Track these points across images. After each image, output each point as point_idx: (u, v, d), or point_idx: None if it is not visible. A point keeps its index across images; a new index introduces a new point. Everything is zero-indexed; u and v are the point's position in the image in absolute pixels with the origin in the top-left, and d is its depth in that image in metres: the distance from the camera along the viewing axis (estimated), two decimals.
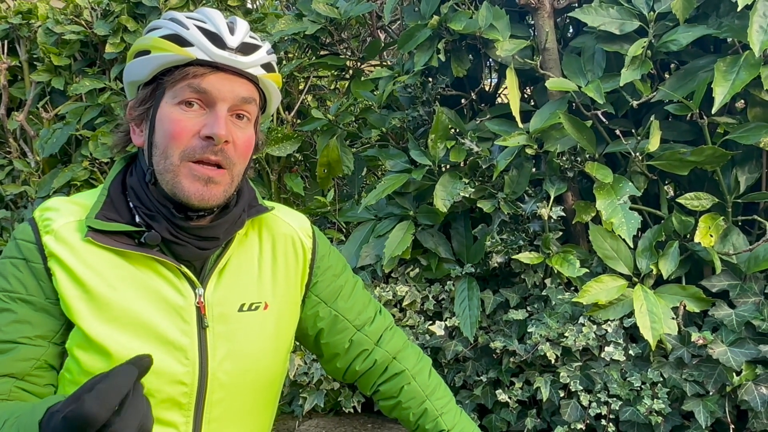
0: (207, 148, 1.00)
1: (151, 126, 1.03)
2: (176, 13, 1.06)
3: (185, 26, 1.02)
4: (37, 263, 0.99)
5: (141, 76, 1.04)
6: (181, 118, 1.00)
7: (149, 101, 1.04)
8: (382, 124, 2.88)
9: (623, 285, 2.29)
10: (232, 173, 1.04)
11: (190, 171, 1.00)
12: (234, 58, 1.01)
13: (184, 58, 1.00)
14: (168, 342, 1.01)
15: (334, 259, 1.27)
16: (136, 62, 1.05)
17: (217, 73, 1.01)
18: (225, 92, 1.01)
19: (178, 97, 1.01)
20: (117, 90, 3.52)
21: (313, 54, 3.32)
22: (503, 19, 2.50)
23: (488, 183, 2.56)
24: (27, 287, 0.99)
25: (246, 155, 1.06)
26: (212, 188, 1.01)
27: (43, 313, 0.99)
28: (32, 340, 0.98)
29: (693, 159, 2.22)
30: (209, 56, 1.00)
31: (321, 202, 3.05)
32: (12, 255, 1.01)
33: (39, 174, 3.75)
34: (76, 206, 1.04)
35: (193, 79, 1.00)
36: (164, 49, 1.01)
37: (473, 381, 2.48)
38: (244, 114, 1.05)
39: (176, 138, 0.99)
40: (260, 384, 1.13)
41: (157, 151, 1.02)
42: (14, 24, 3.82)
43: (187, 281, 1.04)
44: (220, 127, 0.99)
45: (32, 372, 0.98)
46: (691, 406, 2.14)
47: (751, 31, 2.03)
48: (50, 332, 0.99)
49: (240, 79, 1.03)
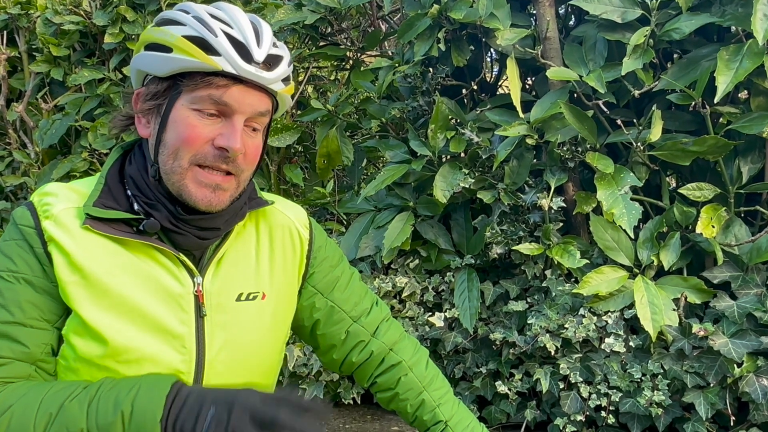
0: (219, 156, 0.99)
1: (162, 123, 1.01)
2: (198, 7, 1.02)
3: (213, 31, 0.99)
4: (38, 247, 0.99)
5: (157, 70, 1.01)
6: (197, 124, 0.99)
7: (162, 97, 1.02)
8: (382, 114, 2.86)
9: (624, 276, 2.28)
10: (240, 179, 1.04)
11: (197, 176, 1.00)
12: (259, 73, 0.99)
13: (210, 67, 0.97)
14: (165, 330, 1.01)
15: (330, 251, 1.27)
16: (152, 55, 1.01)
17: (239, 86, 0.99)
18: (245, 105, 1.00)
19: (196, 104, 0.99)
20: (116, 81, 3.50)
21: (313, 44, 3.30)
22: (504, 8, 2.48)
23: (488, 173, 2.54)
24: (32, 268, 0.99)
25: (254, 162, 1.06)
26: (220, 195, 1.01)
27: (46, 296, 0.99)
28: (39, 322, 0.98)
29: (695, 149, 2.21)
30: (236, 70, 0.98)
31: (320, 193, 3.04)
32: (15, 237, 1.00)
33: (38, 165, 3.74)
34: (74, 193, 1.04)
35: (216, 90, 0.98)
36: (188, 53, 0.98)
37: (473, 372, 2.48)
38: (257, 125, 1.05)
39: (190, 143, 0.99)
40: (257, 374, 1.13)
41: (165, 150, 1.01)
42: (13, 14, 3.80)
43: (186, 270, 1.04)
44: (236, 141, 0.99)
45: (43, 357, 0.98)
46: (691, 398, 2.14)
47: (755, 20, 2.01)
48: (54, 316, 0.99)
49: (260, 92, 1.02)
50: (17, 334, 0.96)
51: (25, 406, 0.91)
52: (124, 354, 0.98)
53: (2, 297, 0.97)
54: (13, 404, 0.92)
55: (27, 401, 0.92)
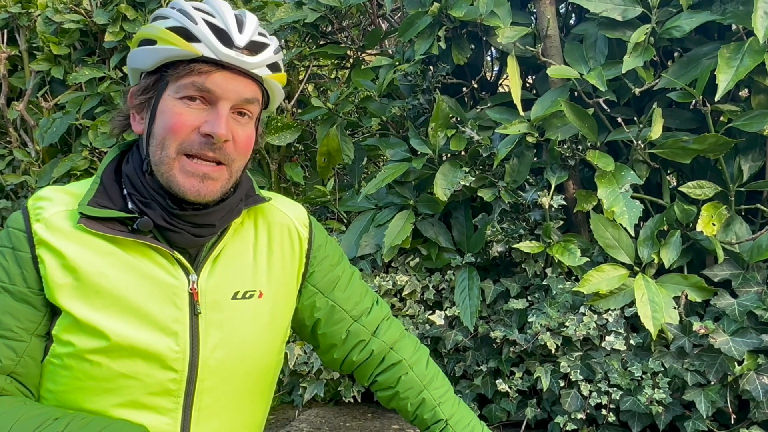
0: (205, 144, 1.00)
1: (152, 116, 1.03)
2: (184, 2, 1.05)
3: (193, 19, 1.01)
4: (24, 251, 0.99)
5: (145, 65, 1.04)
6: (182, 112, 1.00)
7: (151, 91, 1.03)
8: (383, 112, 2.86)
9: (624, 274, 2.27)
10: (231, 169, 1.04)
11: (184, 166, 1.00)
12: (240, 57, 1.00)
13: (190, 54, 0.99)
14: (160, 327, 1.01)
15: (330, 250, 1.27)
16: (140, 50, 1.04)
17: (221, 72, 1.00)
18: (229, 91, 1.01)
19: (180, 92, 1.00)
20: (116, 79, 3.50)
21: (313, 42, 3.29)
22: (504, 6, 2.47)
23: (489, 172, 2.54)
24: (10, 276, 0.99)
25: (246, 152, 1.06)
26: (209, 184, 1.01)
27: (24, 305, 0.99)
28: (15, 333, 0.98)
29: (696, 147, 2.20)
30: (216, 54, 0.99)
31: (321, 192, 3.04)
32: (1, 243, 1.01)
33: (39, 164, 3.74)
34: (68, 196, 1.04)
35: (198, 77, 0.99)
36: (170, 42, 1.00)
37: (473, 371, 2.48)
38: (246, 112, 1.05)
39: (175, 131, 0.99)
40: (253, 373, 1.12)
41: (154, 142, 1.02)
42: (14, 13, 3.80)
43: (181, 268, 1.04)
44: (221, 127, 0.99)
45: (17, 369, 0.98)
46: (692, 396, 2.14)
47: (756, 17, 2.00)
48: (32, 324, 0.99)
49: (245, 78, 1.03)
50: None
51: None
52: (118, 350, 0.98)
53: None
54: None
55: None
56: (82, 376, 0.98)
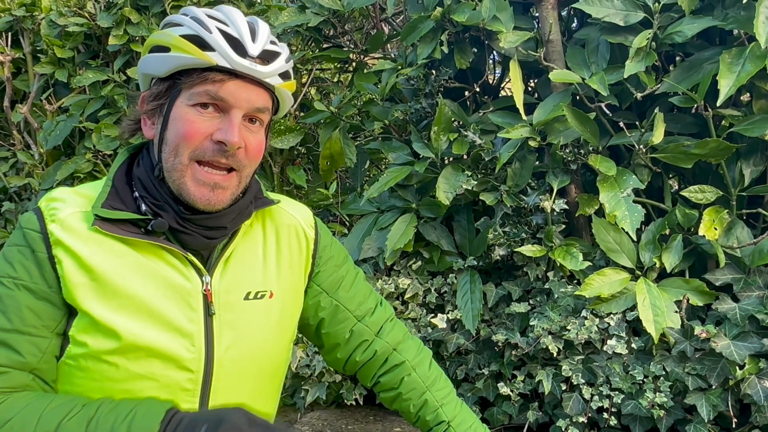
0: (218, 151, 1.01)
1: (164, 122, 1.04)
2: (197, 10, 1.05)
3: (207, 28, 1.01)
4: (41, 252, 1.00)
5: (157, 71, 1.04)
6: (195, 120, 1.01)
7: (164, 97, 1.04)
8: (385, 116, 2.87)
9: (626, 278, 2.28)
10: (242, 175, 1.06)
11: (195, 174, 1.01)
12: (254, 67, 1.01)
13: (205, 63, 1.00)
14: (175, 328, 1.02)
15: (335, 250, 1.28)
16: (153, 57, 1.05)
17: (235, 80, 1.01)
18: (241, 100, 1.02)
19: (193, 100, 1.01)
20: (120, 82, 3.51)
21: (316, 46, 3.31)
22: (507, 11, 2.49)
23: (491, 175, 2.55)
24: (31, 275, 1.00)
25: (257, 158, 1.07)
26: (219, 193, 1.03)
27: (46, 302, 1.00)
28: (38, 330, 0.99)
29: (697, 152, 2.21)
30: (230, 64, 1.00)
31: (323, 195, 3.05)
32: (18, 243, 1.02)
33: (42, 166, 3.75)
34: (81, 197, 1.05)
35: (212, 85, 1.00)
36: (184, 50, 1.00)
37: (475, 374, 2.48)
38: (257, 119, 1.06)
39: (188, 138, 1.00)
40: (264, 372, 1.14)
41: (167, 148, 1.03)
42: (18, 16, 3.82)
43: (194, 269, 1.05)
44: (234, 135, 1.00)
45: (40, 365, 0.99)
46: (693, 400, 2.14)
47: (758, 22, 2.01)
48: (53, 322, 1.00)
49: (257, 87, 1.04)
50: (15, 343, 0.97)
51: (23, 422, 0.92)
52: (134, 351, 0.99)
53: (1, 303, 0.98)
54: (11, 418, 0.92)
55: (25, 417, 0.92)
56: (98, 377, 0.99)
